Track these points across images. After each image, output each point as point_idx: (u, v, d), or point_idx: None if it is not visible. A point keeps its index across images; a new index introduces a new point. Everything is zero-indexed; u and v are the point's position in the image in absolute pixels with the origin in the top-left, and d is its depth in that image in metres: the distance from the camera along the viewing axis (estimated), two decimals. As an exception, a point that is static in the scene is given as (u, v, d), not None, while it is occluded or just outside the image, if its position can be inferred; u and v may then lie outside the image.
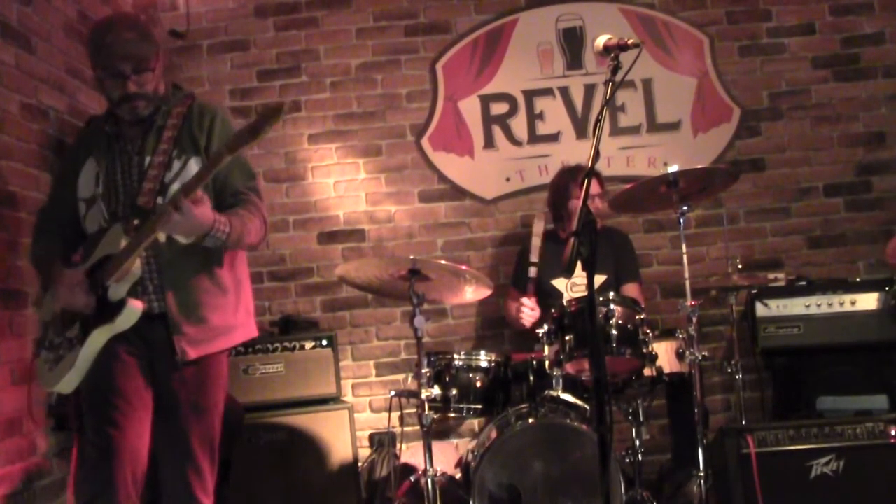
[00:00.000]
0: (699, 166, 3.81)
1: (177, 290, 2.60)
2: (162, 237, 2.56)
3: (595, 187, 4.05)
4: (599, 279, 3.98)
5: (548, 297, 4.05)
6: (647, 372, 3.42)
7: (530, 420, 3.31)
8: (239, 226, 2.58)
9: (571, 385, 3.47)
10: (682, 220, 3.39)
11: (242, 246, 2.67)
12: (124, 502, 2.52)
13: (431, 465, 3.20)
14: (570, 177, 4.12)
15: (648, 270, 4.46)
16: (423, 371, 3.27)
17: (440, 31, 4.77)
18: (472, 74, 4.75)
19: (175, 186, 2.57)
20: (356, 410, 4.33)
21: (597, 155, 2.28)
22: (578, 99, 4.73)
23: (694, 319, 3.30)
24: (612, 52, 2.46)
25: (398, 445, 4.13)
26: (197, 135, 2.67)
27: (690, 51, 4.76)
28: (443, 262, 3.38)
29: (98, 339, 2.53)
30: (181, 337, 2.58)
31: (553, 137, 4.73)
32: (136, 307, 2.51)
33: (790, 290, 4.17)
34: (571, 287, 4.04)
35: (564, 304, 3.51)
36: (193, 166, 2.62)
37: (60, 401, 3.24)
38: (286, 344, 4.08)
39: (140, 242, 2.47)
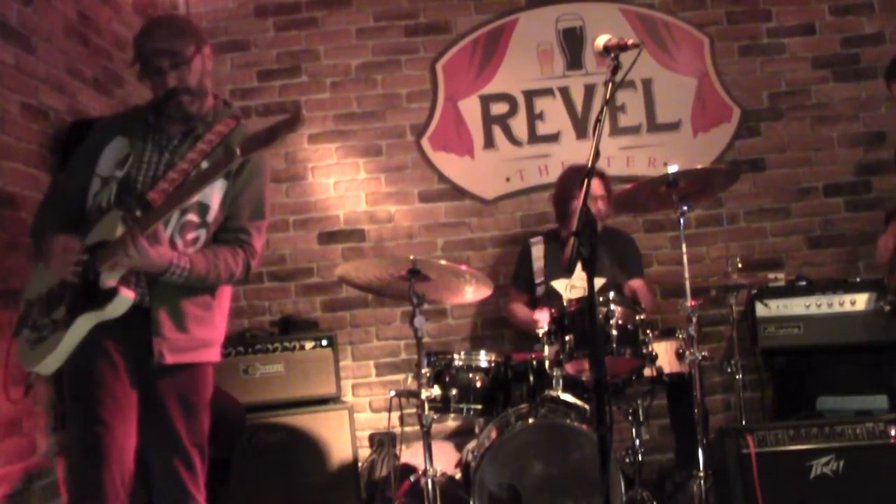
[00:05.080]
0: (699, 166, 3.82)
1: (164, 293, 2.58)
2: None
3: (599, 189, 4.06)
4: (598, 282, 3.96)
5: (548, 299, 4.05)
6: (647, 372, 3.42)
7: (530, 420, 3.31)
8: (203, 268, 2.55)
9: (571, 385, 3.47)
10: (682, 220, 3.39)
11: (206, 286, 2.62)
12: (113, 503, 2.51)
13: (431, 465, 3.20)
14: (577, 175, 4.11)
15: (648, 270, 4.46)
16: (423, 371, 3.27)
17: (440, 31, 4.77)
18: (472, 74, 4.75)
19: (195, 199, 2.55)
20: (356, 410, 4.33)
21: (597, 155, 2.28)
22: (578, 99, 4.73)
23: (694, 319, 3.30)
24: (612, 52, 2.45)
25: (398, 445, 4.13)
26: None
27: (690, 51, 4.76)
28: (443, 262, 3.37)
29: (84, 324, 2.50)
30: (161, 340, 2.55)
31: (553, 137, 4.73)
32: (127, 296, 2.48)
33: (790, 290, 4.17)
34: (570, 289, 4.04)
35: (564, 304, 3.51)
36: (219, 186, 2.61)
37: (59, 397, 3.24)
38: (286, 344, 4.08)
39: (139, 234, 2.45)
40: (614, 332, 3.33)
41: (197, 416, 2.65)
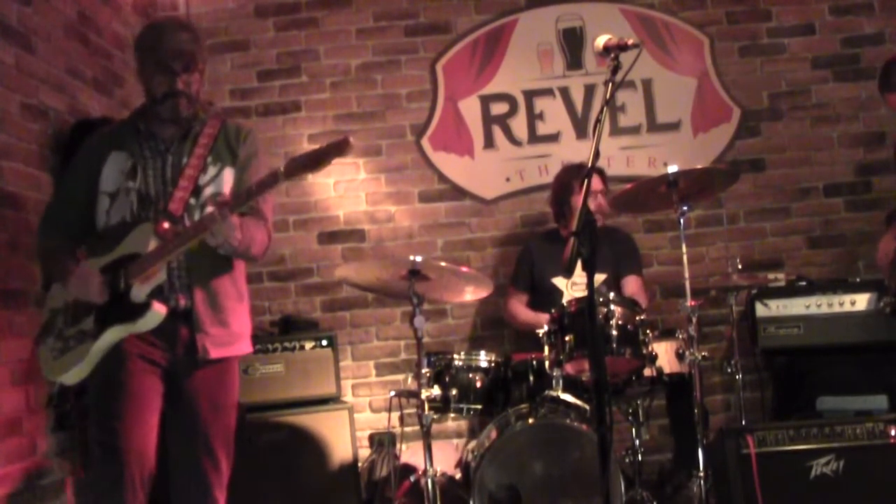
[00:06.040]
0: (699, 166, 3.81)
1: (204, 289, 2.61)
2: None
3: (598, 184, 4.08)
4: (599, 278, 3.98)
5: (548, 296, 4.05)
6: (647, 372, 3.42)
7: (530, 420, 3.31)
8: (248, 235, 2.59)
9: (571, 385, 3.47)
10: (682, 220, 3.39)
11: (248, 254, 2.66)
12: (131, 502, 2.52)
13: (431, 465, 3.20)
14: (574, 173, 4.14)
15: (648, 270, 4.46)
16: (423, 371, 3.27)
17: (440, 31, 4.77)
18: (472, 74, 4.75)
19: (209, 190, 2.61)
20: (356, 410, 4.33)
21: (597, 155, 2.28)
22: (578, 99, 4.73)
23: (694, 319, 3.30)
24: (612, 52, 2.46)
25: (398, 445, 4.12)
26: (233, 144, 2.72)
27: (690, 51, 4.76)
28: (443, 262, 3.38)
29: (113, 336, 2.51)
30: (204, 335, 2.59)
31: (553, 137, 4.73)
32: (160, 311, 2.51)
33: (790, 290, 4.17)
34: (571, 286, 4.05)
35: (564, 304, 3.51)
36: (228, 175, 2.66)
37: (61, 398, 3.25)
38: (286, 344, 4.08)
39: (175, 248, 2.48)
40: (614, 332, 3.33)
41: (226, 417, 2.68)
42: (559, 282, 4.10)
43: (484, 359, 3.58)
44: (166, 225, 2.52)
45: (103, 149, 2.71)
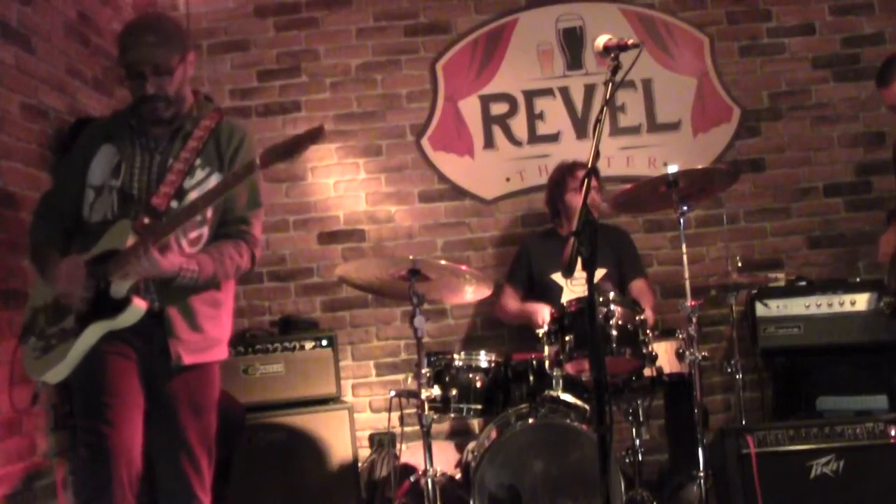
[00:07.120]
0: (699, 166, 3.82)
1: (177, 293, 2.60)
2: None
3: (591, 181, 4.07)
4: (599, 272, 3.98)
5: (547, 293, 4.05)
6: (647, 372, 3.42)
7: (530, 420, 3.31)
8: (211, 268, 2.58)
9: (571, 385, 3.47)
10: (682, 220, 3.39)
11: (216, 284, 2.66)
12: (120, 503, 2.51)
13: (431, 465, 3.20)
14: (567, 171, 4.17)
15: (649, 270, 4.46)
16: (423, 371, 3.28)
17: (440, 31, 4.77)
18: (472, 74, 4.75)
19: (193, 194, 2.59)
20: (356, 410, 4.33)
21: (597, 155, 2.29)
22: (578, 99, 4.73)
23: (694, 319, 3.30)
24: (612, 52, 2.46)
25: (398, 445, 4.12)
26: (224, 151, 2.68)
27: (690, 51, 4.76)
28: (443, 262, 3.38)
29: (94, 333, 2.51)
30: (177, 341, 2.58)
31: (553, 137, 4.73)
32: (140, 307, 2.50)
33: (790, 290, 4.17)
34: (572, 282, 4.04)
35: (564, 304, 3.51)
36: (213, 181, 2.63)
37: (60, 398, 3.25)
38: (286, 344, 4.08)
39: (151, 244, 2.46)
40: (614, 332, 3.33)
41: (205, 417, 2.67)
42: (558, 278, 4.10)
43: (484, 359, 3.58)
44: (146, 220, 2.51)
45: (96, 140, 2.71)
